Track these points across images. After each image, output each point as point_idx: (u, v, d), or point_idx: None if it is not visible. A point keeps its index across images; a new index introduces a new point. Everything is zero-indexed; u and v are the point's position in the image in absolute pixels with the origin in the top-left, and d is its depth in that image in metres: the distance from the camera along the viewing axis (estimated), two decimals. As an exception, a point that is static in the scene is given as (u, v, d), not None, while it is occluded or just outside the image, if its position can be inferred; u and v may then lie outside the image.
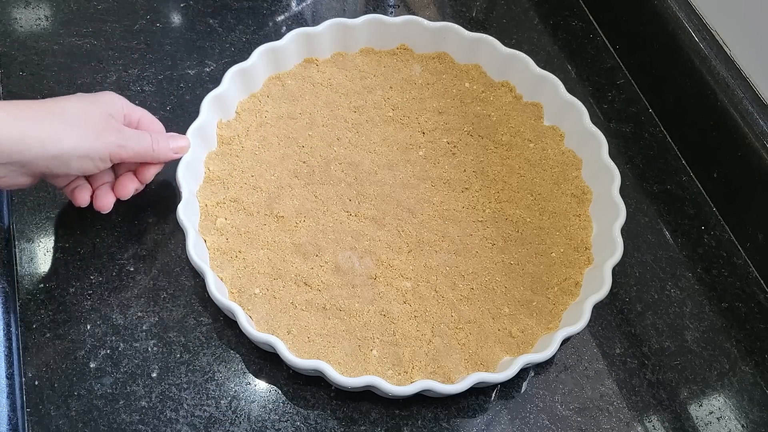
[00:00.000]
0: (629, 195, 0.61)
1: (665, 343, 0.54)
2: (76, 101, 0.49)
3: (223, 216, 0.54)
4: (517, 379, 0.52)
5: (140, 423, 0.48)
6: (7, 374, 0.48)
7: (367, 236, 0.55)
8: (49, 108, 0.47)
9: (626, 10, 0.68)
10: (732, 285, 0.58)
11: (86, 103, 0.49)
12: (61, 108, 0.48)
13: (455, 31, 0.62)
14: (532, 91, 0.62)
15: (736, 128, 0.58)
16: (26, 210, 0.56)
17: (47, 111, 0.47)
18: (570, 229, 0.56)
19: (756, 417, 0.52)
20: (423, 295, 0.53)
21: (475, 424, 0.50)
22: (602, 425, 0.51)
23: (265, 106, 0.60)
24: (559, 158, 0.60)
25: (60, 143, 0.47)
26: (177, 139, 0.53)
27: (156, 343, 0.51)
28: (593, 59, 0.71)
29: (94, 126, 0.48)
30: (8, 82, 0.62)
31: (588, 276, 0.53)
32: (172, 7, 0.69)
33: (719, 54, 0.60)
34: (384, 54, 0.64)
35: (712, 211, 0.62)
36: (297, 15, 0.70)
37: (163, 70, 0.64)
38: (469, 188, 0.58)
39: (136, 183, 0.53)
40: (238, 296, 0.51)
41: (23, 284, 0.52)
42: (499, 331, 0.51)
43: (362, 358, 0.49)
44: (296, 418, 0.49)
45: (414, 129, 0.61)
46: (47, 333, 0.51)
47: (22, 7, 0.67)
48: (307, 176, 0.57)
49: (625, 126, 0.66)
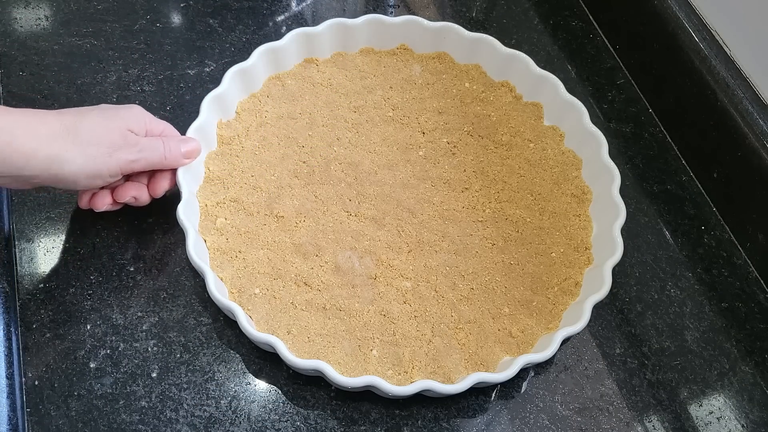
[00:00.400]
0: (629, 195, 0.61)
1: (665, 343, 0.54)
2: (96, 116, 0.48)
3: (223, 216, 0.54)
4: (517, 379, 0.52)
5: (140, 423, 0.48)
6: (7, 374, 0.48)
7: (367, 236, 0.55)
8: (66, 124, 0.47)
9: (626, 10, 0.68)
10: (732, 285, 0.58)
11: (105, 117, 0.49)
12: (77, 124, 0.47)
13: (455, 31, 0.62)
14: (532, 91, 0.62)
15: (736, 128, 0.58)
16: (26, 210, 0.56)
17: (63, 128, 0.46)
18: (570, 229, 0.56)
19: (756, 417, 0.52)
20: (423, 295, 0.53)
21: (475, 424, 0.50)
22: (602, 425, 0.51)
23: (265, 106, 0.60)
24: (559, 158, 0.60)
25: (68, 165, 0.46)
26: (188, 141, 0.53)
27: (156, 343, 0.51)
28: (593, 59, 0.71)
29: (109, 143, 0.48)
30: (8, 82, 0.62)
31: (588, 276, 0.53)
32: (172, 7, 0.69)
33: (719, 54, 0.60)
34: (384, 54, 0.64)
35: (712, 211, 0.62)
36: (297, 15, 0.70)
37: (163, 70, 0.64)
38: (469, 188, 0.58)
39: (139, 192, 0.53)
40: (238, 296, 0.51)
41: (23, 284, 0.52)
42: (499, 331, 0.51)
43: (362, 358, 0.49)
44: (296, 418, 0.49)
45: (414, 129, 0.61)
46: (47, 333, 0.51)
47: (22, 7, 0.67)
48: (307, 176, 0.57)
49: (625, 126, 0.66)
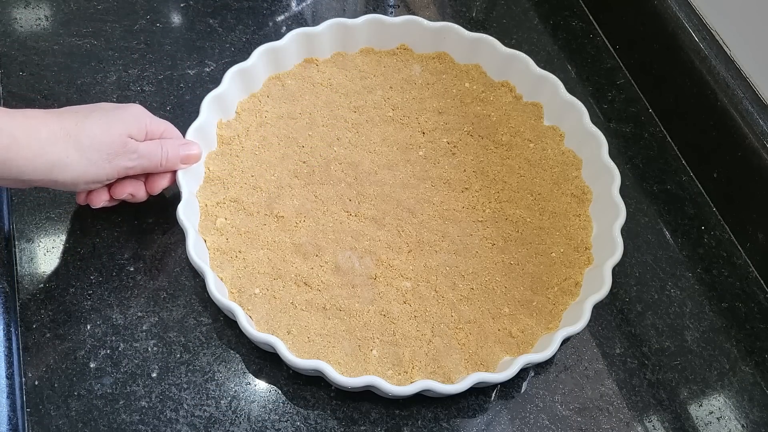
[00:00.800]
0: (629, 195, 0.61)
1: (665, 343, 0.54)
2: (98, 118, 0.47)
3: (223, 216, 0.54)
4: (517, 379, 0.52)
5: (140, 423, 0.48)
6: (7, 374, 0.48)
7: (367, 236, 0.55)
8: (67, 127, 0.46)
9: (626, 10, 0.68)
10: (732, 285, 0.58)
11: (107, 120, 0.48)
12: (78, 128, 0.46)
13: (455, 31, 0.62)
14: (532, 91, 0.62)
15: (736, 128, 0.58)
16: (26, 210, 0.56)
17: (64, 132, 0.46)
18: (570, 229, 0.56)
19: (756, 417, 0.52)
20: (423, 295, 0.53)
21: (475, 424, 0.50)
22: (602, 425, 0.51)
23: (265, 106, 0.60)
24: (559, 158, 0.60)
25: (68, 170, 0.46)
26: (187, 146, 0.53)
27: (156, 343, 0.51)
28: (593, 59, 0.70)
29: (109, 149, 0.47)
30: (8, 82, 0.62)
31: (588, 276, 0.53)
32: (172, 7, 0.69)
33: (719, 54, 0.60)
34: (384, 54, 0.64)
35: (712, 211, 0.62)
36: (297, 15, 0.70)
37: (163, 70, 0.64)
38: (469, 188, 0.58)
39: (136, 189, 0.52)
40: (238, 296, 0.51)
41: (23, 284, 0.52)
42: (499, 331, 0.51)
43: (362, 358, 0.49)
44: (296, 418, 0.49)
45: (414, 129, 0.61)
46: (47, 333, 0.51)
47: (22, 7, 0.67)
48: (307, 176, 0.57)
49: (625, 126, 0.66)
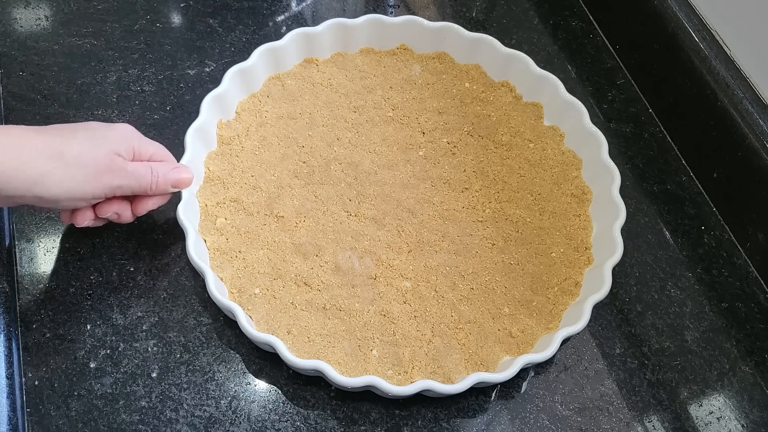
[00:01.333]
0: (629, 195, 0.61)
1: (665, 343, 0.54)
2: (84, 139, 0.46)
3: (223, 216, 0.54)
4: (517, 379, 0.52)
5: (140, 423, 0.48)
6: (7, 374, 0.48)
7: (367, 236, 0.55)
8: (51, 145, 0.45)
9: (626, 10, 0.68)
10: (732, 285, 0.58)
11: (94, 140, 0.47)
12: (63, 149, 0.45)
13: (455, 31, 0.62)
14: (532, 91, 0.62)
15: (736, 128, 0.58)
16: (26, 210, 0.56)
17: (47, 149, 0.44)
18: (570, 229, 0.56)
19: (756, 417, 0.52)
20: (423, 295, 0.53)
21: (475, 424, 0.50)
22: (602, 425, 0.51)
23: (265, 106, 0.60)
24: (559, 158, 0.60)
25: (51, 188, 0.45)
26: (179, 170, 0.51)
27: (156, 343, 0.51)
28: (593, 59, 0.70)
29: (95, 167, 0.46)
30: (8, 82, 0.62)
31: (588, 276, 0.53)
32: (172, 7, 0.69)
33: (719, 54, 0.60)
34: (384, 54, 0.64)
35: (712, 211, 0.62)
36: (297, 15, 0.70)
37: (163, 70, 0.64)
38: (469, 188, 0.58)
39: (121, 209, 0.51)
40: (238, 296, 0.51)
41: (23, 284, 0.52)
42: (499, 331, 0.51)
43: (362, 358, 0.49)
44: (296, 418, 0.49)
45: (414, 129, 0.61)
46: (47, 333, 0.51)
47: (22, 7, 0.67)
48: (307, 176, 0.57)
49: (625, 126, 0.66)
